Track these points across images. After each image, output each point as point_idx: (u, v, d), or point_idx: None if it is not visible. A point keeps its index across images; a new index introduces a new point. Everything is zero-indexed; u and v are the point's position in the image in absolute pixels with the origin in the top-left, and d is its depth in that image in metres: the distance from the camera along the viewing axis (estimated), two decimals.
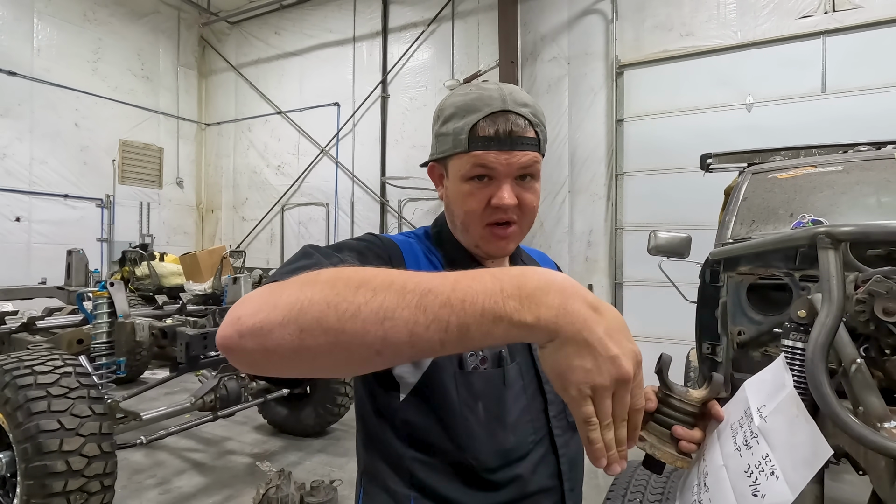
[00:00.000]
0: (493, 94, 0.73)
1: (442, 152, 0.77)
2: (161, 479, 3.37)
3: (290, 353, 0.43)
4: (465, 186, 0.74)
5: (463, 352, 0.57)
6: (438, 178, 0.84)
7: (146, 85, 9.02)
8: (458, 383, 0.72)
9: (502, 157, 0.71)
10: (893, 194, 1.94)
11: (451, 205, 0.79)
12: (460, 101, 0.75)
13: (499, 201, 0.73)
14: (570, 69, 6.35)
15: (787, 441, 0.69)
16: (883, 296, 1.20)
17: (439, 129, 0.78)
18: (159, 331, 2.86)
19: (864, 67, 4.88)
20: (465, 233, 0.78)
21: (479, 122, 0.72)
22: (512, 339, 0.43)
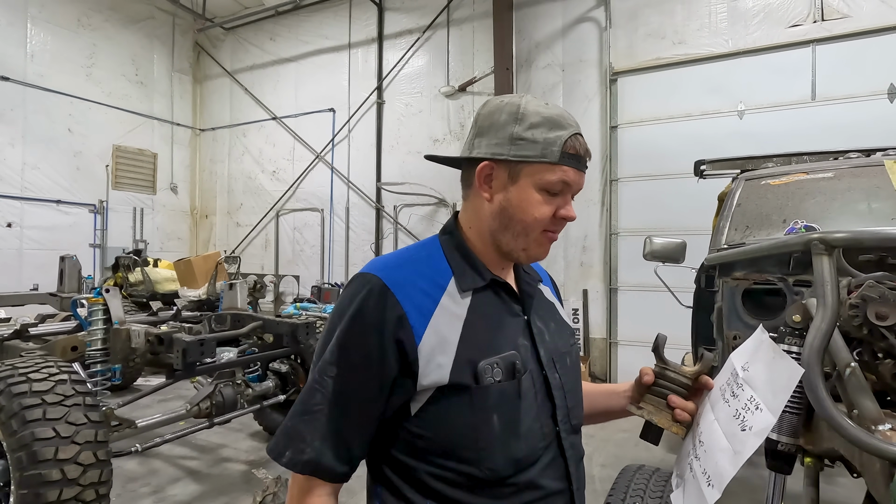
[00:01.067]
0: (569, 116, 0.79)
1: (524, 156, 0.77)
2: (156, 487, 3.33)
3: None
4: (537, 196, 0.77)
5: None
6: (486, 179, 0.80)
7: (140, 90, 9.00)
8: (474, 398, 0.73)
9: (578, 176, 0.78)
10: (884, 200, 1.97)
11: (511, 209, 0.78)
12: (545, 112, 0.77)
13: (568, 214, 0.79)
14: (565, 76, 6.41)
15: (767, 378, 0.75)
16: (875, 301, 1.23)
17: (521, 133, 0.77)
18: (155, 337, 2.84)
19: (852, 75, 4.97)
20: (522, 236, 0.80)
21: (570, 139, 0.76)
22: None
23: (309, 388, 0.75)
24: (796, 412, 1.36)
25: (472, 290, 0.80)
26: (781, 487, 1.36)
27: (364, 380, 0.73)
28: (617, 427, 4.73)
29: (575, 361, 0.92)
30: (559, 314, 0.95)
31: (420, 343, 0.72)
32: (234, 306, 3.96)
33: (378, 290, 0.74)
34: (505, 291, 0.84)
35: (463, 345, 0.74)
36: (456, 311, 0.77)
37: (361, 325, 0.73)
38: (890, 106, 4.80)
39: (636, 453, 4.05)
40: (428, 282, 0.78)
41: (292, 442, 0.73)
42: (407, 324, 0.73)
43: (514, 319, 0.83)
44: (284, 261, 8.86)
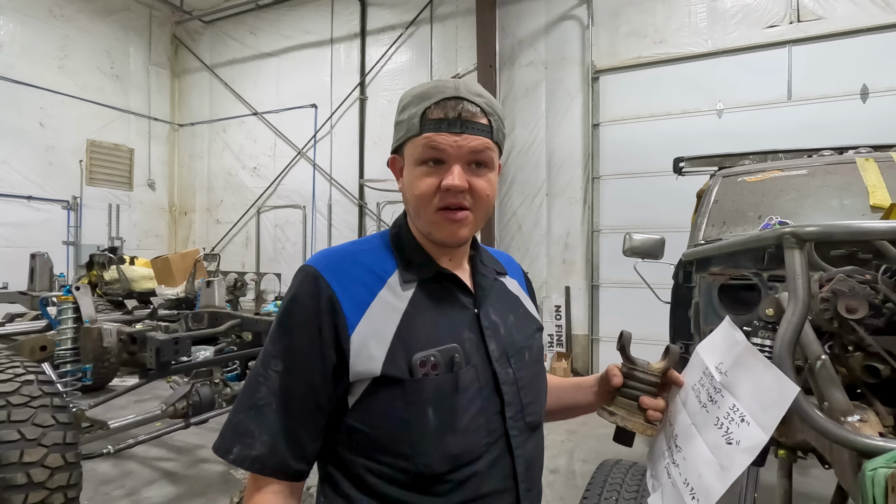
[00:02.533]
0: (448, 83, 0.76)
1: (398, 140, 0.78)
2: (130, 489, 3.25)
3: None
4: (417, 171, 0.75)
5: None
6: (399, 172, 0.82)
7: (116, 84, 8.77)
8: (407, 391, 0.71)
9: (452, 138, 0.72)
10: (855, 197, 2.01)
11: (406, 192, 0.79)
12: (418, 91, 0.77)
13: (447, 183, 0.72)
14: (547, 73, 6.43)
15: (753, 388, 0.72)
16: (846, 294, 1.25)
17: (398, 118, 0.79)
18: (128, 336, 2.76)
19: (826, 76, 5.08)
20: (418, 219, 0.78)
21: (431, 107, 0.73)
22: None
23: (253, 380, 0.73)
24: None
25: (415, 282, 0.78)
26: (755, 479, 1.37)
27: (307, 368, 0.72)
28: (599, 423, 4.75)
29: (536, 356, 0.88)
30: (523, 308, 0.92)
31: (353, 334, 0.71)
32: (212, 304, 3.89)
33: (312, 278, 0.74)
34: (454, 284, 0.81)
35: (399, 337, 0.72)
36: (394, 304, 0.75)
37: (298, 314, 0.73)
38: (862, 106, 4.92)
39: (616, 448, 4.08)
40: (367, 274, 0.77)
41: (239, 438, 0.71)
42: (340, 312, 0.72)
43: (461, 312, 0.80)
44: (266, 258, 8.74)
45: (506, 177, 6.50)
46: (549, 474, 3.54)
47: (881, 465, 0.90)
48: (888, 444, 0.94)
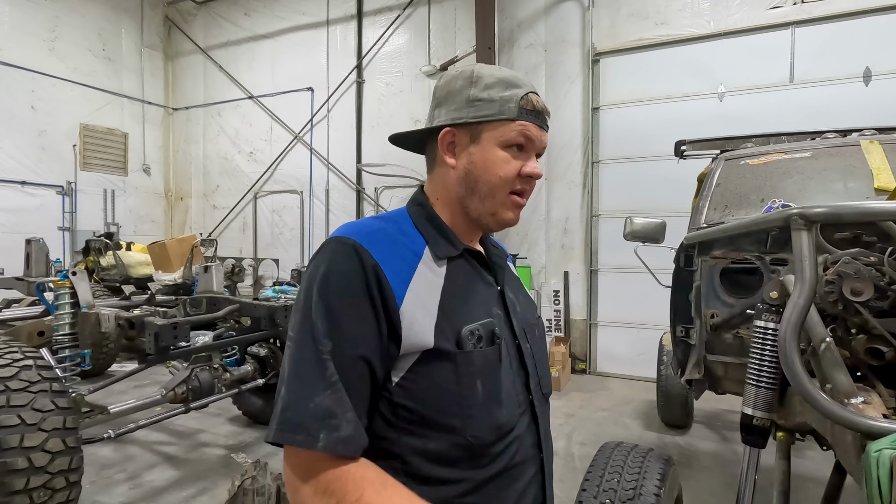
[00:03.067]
0: (521, 76, 0.81)
1: (481, 116, 0.77)
2: (131, 473, 3.27)
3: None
4: (501, 153, 0.77)
5: None
6: (450, 146, 0.80)
7: (108, 66, 8.61)
8: (459, 363, 0.72)
9: (539, 132, 0.79)
10: (859, 180, 1.99)
11: (476, 171, 0.78)
12: (499, 74, 0.79)
13: (532, 170, 0.79)
14: (547, 56, 6.34)
15: None
16: (851, 277, 1.23)
17: (478, 94, 0.78)
18: (126, 321, 2.75)
19: (829, 58, 5.02)
20: (489, 198, 0.79)
21: (526, 96, 0.77)
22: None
23: (312, 359, 0.66)
24: (771, 388, 1.37)
25: (446, 259, 0.79)
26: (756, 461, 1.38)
27: (362, 343, 0.68)
28: (597, 406, 4.81)
29: (542, 334, 0.95)
30: (524, 289, 0.98)
31: (401, 305, 0.70)
32: (210, 290, 3.87)
33: (350, 249, 0.70)
34: (478, 261, 0.85)
35: (442, 312, 0.73)
36: (433, 279, 0.76)
37: (344, 287, 0.69)
38: (865, 89, 4.87)
39: (615, 431, 4.13)
40: (403, 249, 0.76)
41: (324, 421, 0.64)
42: (387, 283, 0.70)
43: (489, 289, 0.84)
44: (263, 244, 8.70)
45: None
46: None
47: (886, 446, 0.90)
48: (892, 426, 0.94)
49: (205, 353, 3.29)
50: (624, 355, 5.93)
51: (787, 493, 1.43)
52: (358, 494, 0.61)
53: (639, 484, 1.39)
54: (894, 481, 0.83)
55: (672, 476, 1.56)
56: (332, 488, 0.62)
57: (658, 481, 1.43)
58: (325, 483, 0.63)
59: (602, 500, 1.36)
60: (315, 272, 0.71)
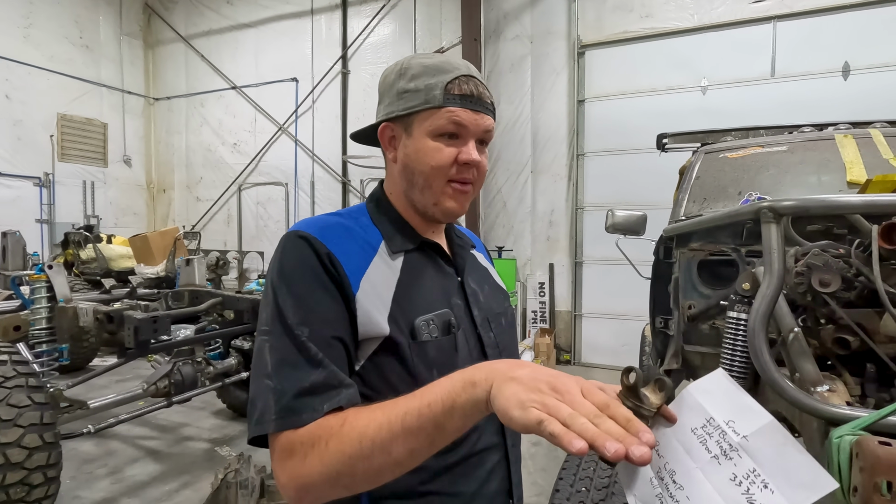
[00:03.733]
0: (458, 61, 0.79)
1: (409, 108, 0.77)
2: (113, 468, 3.24)
3: (344, 492, 0.62)
4: (432, 142, 0.76)
5: (454, 434, 0.56)
6: (390, 140, 0.81)
7: (86, 55, 8.40)
8: (413, 354, 0.73)
9: (472, 116, 0.76)
10: (833, 173, 2.03)
11: (411, 163, 0.78)
12: (427, 62, 0.78)
13: (467, 157, 0.76)
14: (533, 48, 6.33)
15: (779, 465, 0.63)
16: (819, 268, 1.26)
17: (405, 86, 0.77)
18: (105, 315, 2.71)
19: (809, 53, 5.09)
20: (427, 189, 0.78)
21: (453, 81, 0.75)
22: (472, 413, 0.54)
23: (294, 348, 0.66)
24: (743, 377, 1.40)
25: (402, 252, 0.80)
26: None
27: (335, 323, 0.69)
28: None
29: (511, 322, 0.94)
30: (492, 279, 0.97)
31: (357, 293, 0.71)
32: (192, 283, 3.83)
33: (302, 240, 0.72)
34: (437, 253, 0.85)
35: (397, 303, 0.74)
36: (388, 272, 0.77)
37: (304, 273, 0.70)
38: (844, 83, 4.95)
39: None
40: (359, 241, 0.77)
41: (324, 395, 0.64)
42: (342, 270, 0.71)
43: (448, 280, 0.84)
44: (248, 236, 8.61)
45: (491, 153, 6.43)
46: (531, 447, 3.62)
47: (847, 432, 0.93)
48: (854, 413, 0.97)
49: (187, 346, 3.26)
50: (608, 346, 6.00)
51: None
52: (342, 421, 0.60)
53: (615, 472, 1.42)
54: (853, 466, 0.86)
55: None
56: (318, 433, 0.61)
57: None
58: (315, 434, 0.61)
59: (578, 487, 1.38)
60: (274, 267, 0.73)
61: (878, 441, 0.82)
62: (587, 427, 0.43)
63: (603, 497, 1.38)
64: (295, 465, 0.61)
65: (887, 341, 1.23)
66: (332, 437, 0.59)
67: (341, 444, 0.58)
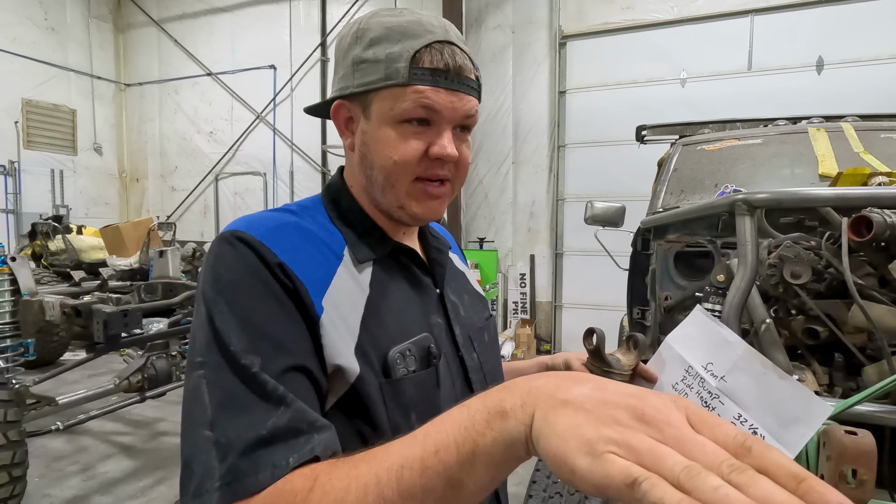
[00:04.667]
0: (433, 21, 0.60)
1: (365, 84, 0.59)
2: (84, 465, 3.16)
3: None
4: (395, 130, 0.58)
5: (478, 494, 0.39)
6: (346, 122, 0.64)
7: (51, 37, 8.05)
8: (387, 396, 0.57)
9: (448, 98, 0.58)
10: (805, 166, 2.07)
11: (369, 154, 0.61)
12: (391, 22, 0.59)
13: (440, 151, 0.58)
14: (515, 38, 6.29)
15: (764, 400, 0.62)
16: (791, 260, 1.28)
17: (361, 54, 0.59)
18: (72, 309, 2.62)
19: (785, 47, 5.17)
20: (389, 189, 0.61)
21: (422, 50, 0.57)
22: (504, 460, 0.37)
23: (241, 384, 0.48)
24: None
25: (371, 260, 0.63)
26: None
27: (296, 342, 0.52)
28: None
29: (493, 337, 0.80)
30: (471, 286, 0.82)
31: (321, 316, 0.54)
32: (166, 275, 3.74)
33: (244, 245, 0.54)
34: (412, 260, 0.69)
35: (365, 329, 0.57)
36: (355, 288, 0.59)
37: (244, 284, 0.52)
38: (818, 78, 5.05)
39: None
40: (319, 246, 0.60)
41: (288, 444, 0.46)
42: (301, 285, 0.54)
43: (426, 294, 0.68)
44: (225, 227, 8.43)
45: (472, 144, 6.40)
46: None
47: None
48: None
49: (161, 340, 3.18)
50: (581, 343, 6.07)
51: None
52: (311, 482, 0.43)
53: None
54: (820, 455, 0.88)
55: None
56: (287, 488, 0.44)
57: None
58: (278, 494, 0.44)
59: (554, 479, 1.39)
60: (206, 279, 0.53)
61: (845, 430, 0.83)
62: (728, 495, 0.25)
63: (578, 501, 1.38)
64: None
65: (855, 332, 1.26)
66: None
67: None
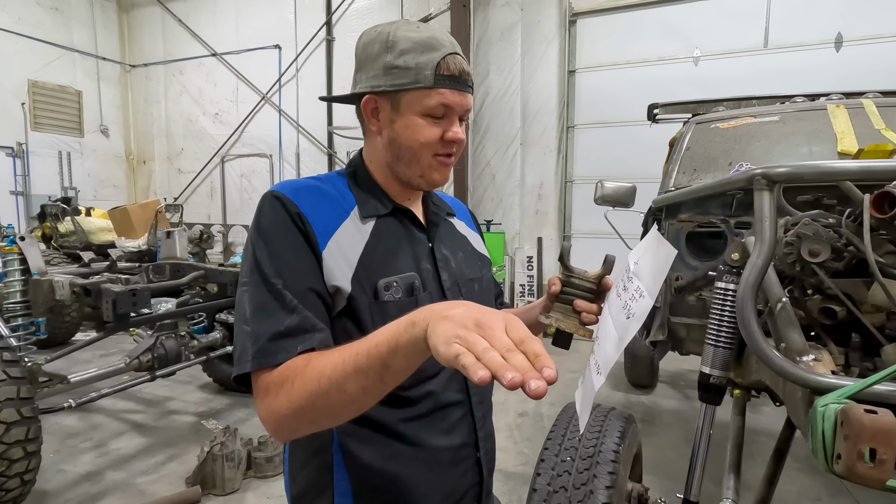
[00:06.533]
0: (443, 37, 0.79)
1: (398, 85, 0.78)
2: (98, 441, 3.22)
3: (312, 427, 0.67)
4: (420, 120, 0.79)
5: (401, 373, 0.59)
6: (374, 112, 0.82)
7: (55, 17, 7.99)
8: (374, 312, 0.76)
9: (459, 97, 0.79)
10: (824, 143, 2.01)
11: (398, 138, 0.80)
12: (416, 37, 0.78)
13: (455, 136, 0.80)
14: (524, 15, 6.15)
15: (651, 266, 0.77)
16: (809, 238, 1.24)
17: (393, 61, 0.78)
18: (82, 288, 2.63)
19: (803, 24, 5.01)
20: (414, 163, 0.82)
21: (443, 61, 0.77)
22: (414, 350, 0.55)
23: (269, 296, 0.71)
24: (729, 347, 1.40)
25: (374, 217, 0.83)
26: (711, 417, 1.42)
27: (310, 271, 0.73)
28: (567, 368, 4.94)
29: (486, 288, 0.97)
30: (471, 246, 1.00)
31: (323, 250, 0.75)
32: (174, 256, 3.74)
33: (276, 200, 0.76)
34: (409, 219, 0.88)
35: (362, 264, 0.77)
36: (357, 235, 0.80)
37: (274, 229, 0.74)
38: (836, 55, 4.91)
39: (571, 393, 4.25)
40: (331, 205, 0.80)
41: (297, 338, 0.68)
42: (311, 228, 0.75)
43: (418, 245, 0.87)
44: (232, 209, 8.45)
45: (480, 125, 6.33)
46: (517, 417, 3.67)
47: (832, 401, 0.92)
48: (839, 382, 0.96)
49: (169, 320, 3.20)
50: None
51: (740, 447, 1.48)
52: (306, 361, 0.64)
53: (599, 441, 1.42)
54: (838, 434, 0.86)
55: (632, 433, 1.60)
56: (287, 373, 0.65)
57: (618, 439, 1.47)
58: (284, 373, 0.66)
59: (563, 457, 1.38)
60: (253, 225, 0.77)
61: (864, 409, 0.81)
62: (494, 359, 0.44)
63: (591, 454, 1.38)
64: (269, 402, 0.66)
65: (873, 311, 1.23)
66: (297, 376, 0.64)
67: (304, 382, 0.62)
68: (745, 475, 1.51)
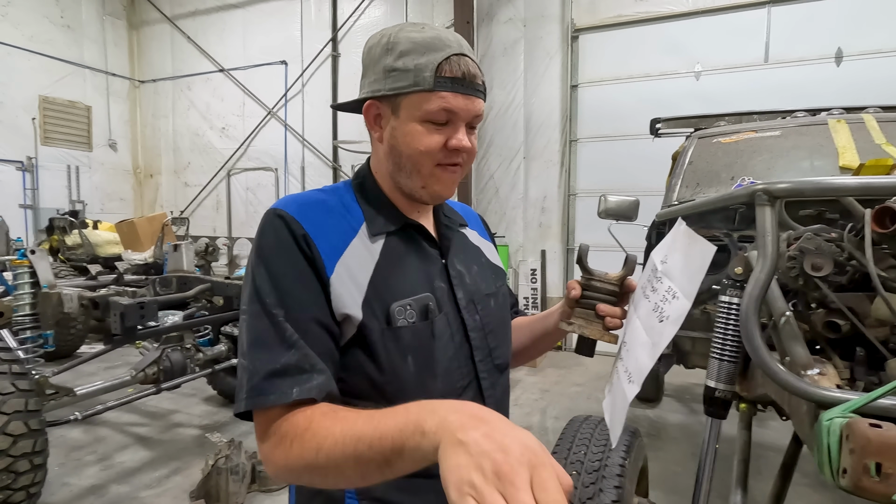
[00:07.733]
0: (449, 36, 0.73)
1: (396, 88, 0.72)
2: (102, 454, 3.22)
3: (312, 486, 0.67)
4: (421, 126, 0.72)
5: (403, 472, 0.54)
6: (375, 119, 0.78)
7: (67, 35, 8.15)
8: (387, 339, 0.72)
9: (464, 101, 0.72)
10: (825, 158, 2.03)
11: (398, 146, 0.75)
12: (417, 38, 0.72)
13: (458, 144, 0.73)
14: (527, 32, 6.24)
15: (684, 265, 0.71)
16: (812, 252, 1.26)
17: (392, 64, 0.72)
18: (90, 301, 2.66)
19: (803, 39, 5.07)
20: (415, 173, 0.76)
21: (444, 62, 0.70)
22: (421, 458, 0.50)
23: (269, 328, 0.66)
24: (734, 361, 1.40)
25: (384, 233, 0.78)
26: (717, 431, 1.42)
27: (313, 300, 0.69)
28: (571, 381, 4.92)
29: (502, 303, 0.91)
30: (485, 258, 0.94)
31: (331, 276, 0.70)
32: (180, 269, 3.78)
33: (279, 219, 0.71)
34: (421, 235, 0.83)
35: (373, 287, 0.72)
36: (367, 255, 0.75)
37: (277, 253, 0.69)
38: (837, 69, 4.95)
39: (588, 406, 4.23)
40: (340, 221, 0.75)
41: (294, 378, 0.64)
42: (317, 252, 0.70)
43: (431, 263, 0.82)
44: (237, 222, 8.51)
45: (483, 139, 6.39)
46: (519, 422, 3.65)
47: (837, 415, 0.93)
48: (844, 396, 0.97)
49: (176, 333, 3.22)
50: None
51: (746, 461, 1.48)
52: (307, 424, 0.60)
53: (605, 456, 1.42)
54: (843, 448, 0.86)
55: (637, 447, 1.59)
56: (287, 430, 0.62)
57: (624, 453, 1.47)
58: (284, 428, 0.62)
59: (569, 471, 1.38)
60: (253, 246, 0.73)
61: (869, 423, 0.81)
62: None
63: (597, 468, 1.38)
64: (267, 450, 0.64)
65: (877, 325, 1.24)
66: (295, 438, 0.60)
67: (302, 449, 0.59)
68: (752, 491, 1.50)
